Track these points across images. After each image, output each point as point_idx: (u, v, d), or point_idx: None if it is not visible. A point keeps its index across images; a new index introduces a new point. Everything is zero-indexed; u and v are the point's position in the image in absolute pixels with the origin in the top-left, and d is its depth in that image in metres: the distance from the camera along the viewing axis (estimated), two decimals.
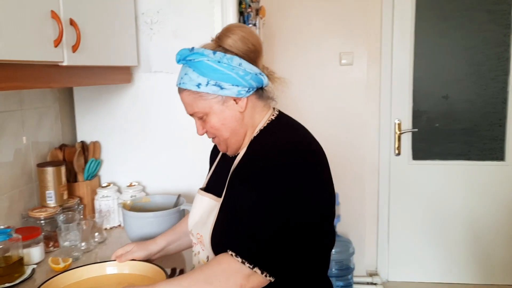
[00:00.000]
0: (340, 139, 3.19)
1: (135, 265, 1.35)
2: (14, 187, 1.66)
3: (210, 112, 1.13)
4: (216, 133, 1.16)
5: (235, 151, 1.19)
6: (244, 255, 1.00)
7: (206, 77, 1.09)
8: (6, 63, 1.07)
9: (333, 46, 3.12)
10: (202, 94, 1.11)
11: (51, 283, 1.25)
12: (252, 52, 1.12)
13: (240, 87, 1.10)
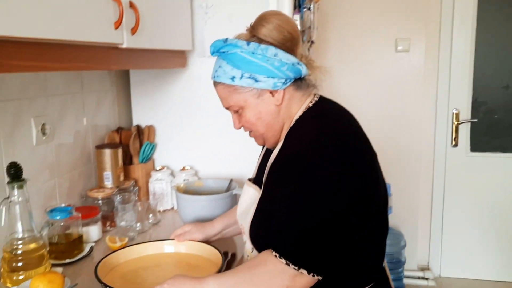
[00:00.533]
0: (394, 129, 3.10)
1: (192, 245, 1.37)
2: (74, 168, 1.71)
3: (245, 106, 1.09)
4: (252, 128, 1.12)
5: (273, 144, 1.14)
6: (288, 256, 0.96)
7: (240, 69, 1.05)
8: (70, 43, 1.09)
9: (389, 32, 3.01)
10: (237, 88, 1.07)
11: (110, 258, 1.29)
12: (288, 41, 1.06)
13: (276, 79, 1.05)
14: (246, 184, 1.23)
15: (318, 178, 0.97)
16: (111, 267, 1.28)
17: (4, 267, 1.22)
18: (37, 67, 1.00)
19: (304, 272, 0.95)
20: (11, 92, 1.39)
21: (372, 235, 1.08)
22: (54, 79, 1.59)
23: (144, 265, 1.32)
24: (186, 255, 1.36)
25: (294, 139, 1.06)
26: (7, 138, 1.38)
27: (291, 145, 1.06)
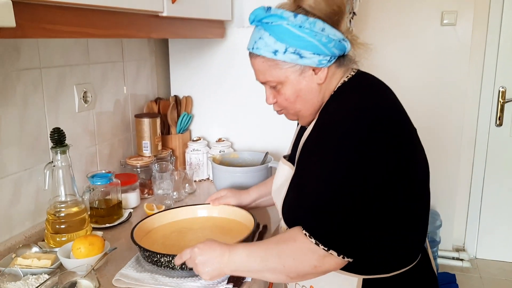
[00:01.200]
0: (436, 104, 3.01)
1: (225, 209, 1.40)
2: (114, 136, 1.75)
3: (285, 82, 1.02)
4: (288, 105, 1.06)
5: (308, 122, 1.09)
6: (318, 236, 0.93)
7: (285, 43, 0.97)
8: (112, 10, 1.09)
9: (434, 4, 2.89)
10: (278, 62, 1.00)
11: (145, 222, 1.32)
12: (336, 15, 0.98)
13: (321, 56, 0.98)
14: (281, 162, 1.20)
15: (355, 152, 0.91)
16: (146, 231, 1.32)
17: (48, 228, 1.27)
18: (79, 33, 1.01)
19: (333, 254, 0.92)
20: (54, 59, 1.42)
21: (412, 213, 1.02)
22: (96, 47, 1.61)
23: (177, 229, 1.35)
24: (219, 219, 1.40)
25: (330, 113, 1.01)
26: (51, 104, 1.41)
27: (326, 119, 1.00)
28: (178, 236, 1.31)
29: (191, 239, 1.29)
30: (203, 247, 1.04)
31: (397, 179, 0.95)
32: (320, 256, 0.93)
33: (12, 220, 1.30)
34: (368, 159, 0.92)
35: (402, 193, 0.98)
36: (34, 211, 1.37)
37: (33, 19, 0.86)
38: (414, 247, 1.07)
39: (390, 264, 1.02)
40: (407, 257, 1.05)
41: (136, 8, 1.16)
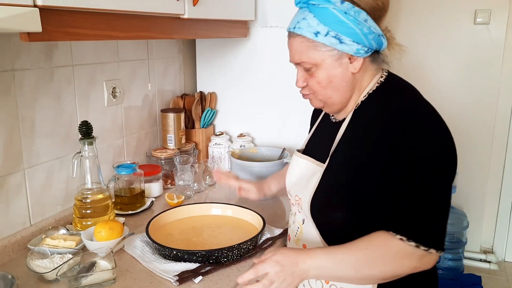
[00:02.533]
0: (468, 104, 2.97)
1: (237, 209, 1.47)
2: (141, 129, 1.86)
3: (320, 66, 1.03)
4: (319, 91, 1.07)
5: (335, 111, 1.12)
6: (417, 238, 0.92)
7: (327, 26, 0.99)
8: (135, 14, 1.18)
9: (467, 3, 2.85)
10: (318, 44, 1.01)
11: (161, 217, 1.42)
12: (379, 10, 1.01)
13: (360, 45, 1.00)
14: (296, 156, 1.21)
15: (433, 153, 0.94)
16: (161, 225, 1.40)
17: (75, 213, 1.38)
18: (102, 36, 1.11)
19: (433, 252, 0.94)
20: (86, 57, 1.53)
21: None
22: (125, 46, 1.72)
23: (192, 225, 1.43)
24: (232, 218, 1.46)
25: (380, 114, 1.02)
26: (81, 99, 1.53)
27: (379, 121, 1.01)
28: (194, 232, 1.38)
29: (204, 236, 1.36)
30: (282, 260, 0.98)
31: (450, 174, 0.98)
32: (419, 257, 0.94)
33: (45, 204, 1.42)
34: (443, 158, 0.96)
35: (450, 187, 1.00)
36: (64, 197, 1.49)
37: (59, 24, 0.96)
38: None
39: None
40: None
41: (157, 11, 1.25)
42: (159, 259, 1.23)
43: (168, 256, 1.22)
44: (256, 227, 1.38)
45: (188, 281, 1.14)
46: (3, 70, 1.25)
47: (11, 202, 1.31)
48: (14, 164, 1.31)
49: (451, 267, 2.94)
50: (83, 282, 1.10)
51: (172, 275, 1.14)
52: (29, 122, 1.34)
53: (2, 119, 1.26)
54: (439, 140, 0.96)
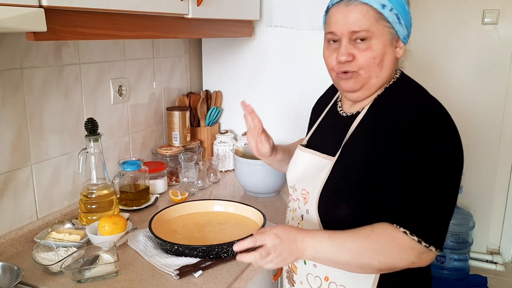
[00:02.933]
0: (475, 104, 2.97)
1: (239, 206, 1.50)
2: (147, 126, 1.89)
3: (379, 39, 0.99)
4: (369, 66, 1.01)
5: (362, 97, 1.07)
6: (420, 233, 0.93)
7: (391, 3, 0.98)
8: (139, 14, 1.21)
9: (475, 2, 2.84)
10: (382, 17, 0.98)
11: (164, 213, 1.45)
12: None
13: (407, 32, 1.02)
14: (300, 150, 1.19)
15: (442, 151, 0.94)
16: (164, 220, 1.43)
17: (81, 207, 1.42)
18: (107, 35, 1.14)
19: (432, 249, 0.94)
20: (93, 56, 1.57)
21: None
22: (132, 45, 1.75)
23: (194, 221, 1.46)
24: (233, 215, 1.49)
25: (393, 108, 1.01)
26: (88, 97, 1.56)
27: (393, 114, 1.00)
28: (196, 228, 1.41)
29: (206, 231, 1.39)
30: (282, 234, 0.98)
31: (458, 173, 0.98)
32: (419, 253, 0.94)
33: (52, 198, 1.46)
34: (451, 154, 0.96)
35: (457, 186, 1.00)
36: (71, 192, 1.53)
37: (65, 24, 0.99)
38: None
39: None
40: None
41: (161, 11, 1.28)
42: (161, 253, 1.26)
43: (169, 251, 1.25)
44: (257, 223, 1.40)
45: (188, 275, 1.16)
46: (12, 68, 1.28)
47: (19, 197, 1.34)
48: (22, 160, 1.34)
49: (457, 268, 2.94)
50: (86, 274, 1.14)
51: (173, 269, 1.17)
52: (37, 118, 1.38)
53: (11, 116, 1.29)
54: (449, 138, 0.96)
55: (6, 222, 1.31)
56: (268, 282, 1.39)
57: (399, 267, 0.96)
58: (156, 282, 1.14)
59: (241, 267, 1.21)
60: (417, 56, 3.12)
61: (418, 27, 2.98)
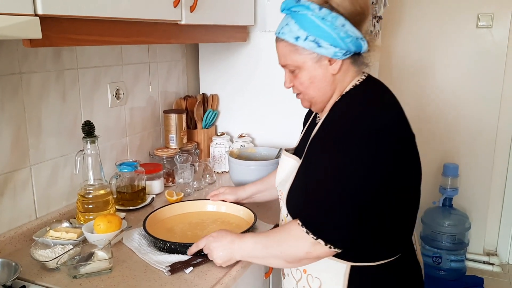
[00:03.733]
0: (471, 107, 3.00)
1: (230, 206, 1.55)
2: (145, 129, 1.94)
3: (302, 68, 1.11)
4: (303, 90, 1.15)
5: (319, 109, 1.19)
6: (308, 226, 1.04)
7: (306, 31, 1.07)
8: (133, 21, 1.26)
9: (470, 6, 2.88)
10: (298, 48, 1.09)
11: (158, 212, 1.50)
12: (358, 15, 1.08)
13: (338, 48, 1.07)
14: (283, 154, 1.30)
15: (361, 151, 1.01)
16: (159, 220, 1.48)
17: (79, 207, 1.47)
18: (101, 41, 1.19)
19: (321, 243, 1.03)
20: (91, 61, 1.62)
21: (400, 210, 1.11)
22: (129, 50, 1.80)
23: (188, 221, 1.51)
24: (226, 214, 1.54)
25: (338, 116, 1.10)
26: (86, 101, 1.61)
27: (334, 121, 1.09)
28: (189, 227, 1.47)
29: (199, 230, 1.44)
30: (217, 235, 1.20)
31: (392, 180, 1.05)
32: (311, 243, 1.04)
33: (50, 199, 1.51)
34: (373, 160, 1.01)
35: (394, 193, 1.06)
36: (69, 192, 1.58)
37: (59, 31, 1.04)
38: (401, 240, 1.16)
39: (377, 254, 1.11)
40: (393, 248, 1.13)
41: (155, 18, 1.33)
42: (154, 251, 1.30)
43: (162, 248, 1.30)
44: (248, 222, 1.45)
45: (179, 272, 1.21)
46: (12, 73, 1.34)
47: (18, 196, 1.40)
48: (21, 161, 1.40)
49: (453, 268, 2.97)
50: (82, 270, 1.18)
51: (165, 266, 1.21)
52: (36, 121, 1.43)
53: (10, 119, 1.35)
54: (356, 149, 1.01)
55: (6, 221, 1.36)
56: (259, 280, 1.44)
57: (298, 257, 1.08)
58: (148, 277, 1.18)
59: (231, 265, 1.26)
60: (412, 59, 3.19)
61: (413, 30, 3.02)
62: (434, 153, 3.14)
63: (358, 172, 1.01)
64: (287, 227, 1.11)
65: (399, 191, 1.08)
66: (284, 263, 1.13)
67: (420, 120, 3.09)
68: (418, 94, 3.05)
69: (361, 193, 1.02)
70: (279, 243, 1.11)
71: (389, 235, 1.11)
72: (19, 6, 0.91)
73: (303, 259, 1.09)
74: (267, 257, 1.14)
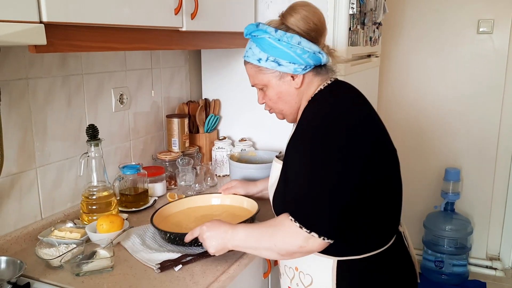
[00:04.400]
0: (472, 113, 3.02)
1: (235, 197, 1.62)
2: (148, 133, 1.99)
3: (268, 85, 1.22)
4: (272, 105, 1.26)
5: (292, 120, 1.28)
6: (300, 220, 1.08)
7: (266, 53, 1.17)
8: (134, 28, 1.31)
9: (470, 12, 2.91)
10: (262, 69, 1.20)
11: (165, 208, 1.54)
12: (313, 31, 1.17)
13: (296, 64, 1.16)
14: (274, 161, 1.37)
15: (325, 150, 1.07)
16: (165, 215, 1.53)
17: (83, 208, 1.51)
18: (104, 48, 1.23)
19: (315, 236, 1.07)
20: (95, 67, 1.67)
21: (383, 202, 1.16)
22: (133, 56, 1.85)
23: (194, 215, 1.56)
24: (231, 207, 1.61)
25: (307, 116, 1.18)
26: (90, 105, 1.66)
27: (304, 121, 1.17)
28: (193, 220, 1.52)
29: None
30: (210, 225, 1.24)
31: (370, 170, 1.10)
32: (304, 238, 1.08)
33: (55, 200, 1.56)
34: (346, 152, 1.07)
35: (372, 183, 1.11)
36: (73, 194, 1.63)
37: (63, 37, 1.09)
38: (384, 233, 1.20)
39: (361, 247, 1.17)
40: (377, 241, 1.18)
41: (156, 25, 1.38)
42: (145, 249, 1.34)
43: (164, 238, 1.36)
44: (251, 211, 1.51)
45: (169, 269, 1.25)
46: (18, 78, 1.39)
47: (24, 198, 1.44)
48: (28, 163, 1.45)
49: (455, 273, 2.97)
50: (84, 268, 1.22)
51: (155, 264, 1.26)
52: (42, 125, 1.48)
53: (17, 122, 1.40)
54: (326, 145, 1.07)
55: (12, 221, 1.41)
56: (258, 280, 1.47)
57: (291, 250, 1.12)
58: (148, 276, 1.22)
59: (221, 262, 1.29)
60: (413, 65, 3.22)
61: (414, 36, 3.06)
62: (436, 158, 3.16)
63: (336, 166, 1.07)
64: (279, 221, 1.14)
65: (378, 182, 1.13)
66: (277, 255, 1.16)
67: (421, 125, 3.12)
68: (419, 99, 3.08)
69: (343, 184, 1.07)
70: (272, 236, 1.14)
71: (374, 226, 1.17)
72: (25, 14, 0.96)
73: (296, 253, 1.13)
74: (259, 248, 1.17)
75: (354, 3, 1.87)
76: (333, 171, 1.07)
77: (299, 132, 1.16)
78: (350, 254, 1.16)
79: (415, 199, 3.23)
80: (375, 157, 1.12)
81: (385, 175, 1.16)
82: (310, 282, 1.21)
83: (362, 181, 1.09)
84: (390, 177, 1.19)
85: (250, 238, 1.18)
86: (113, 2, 1.19)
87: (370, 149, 1.11)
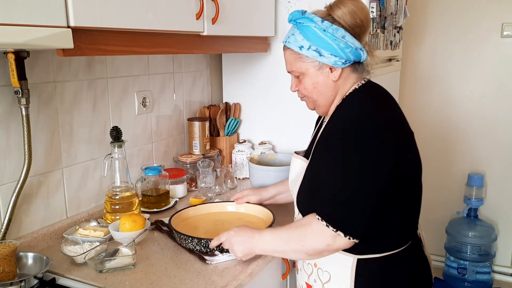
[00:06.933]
0: (496, 117, 2.96)
1: (249, 206, 1.61)
2: (170, 136, 2.03)
3: (305, 74, 1.22)
4: (307, 94, 1.26)
5: (323, 113, 1.29)
6: (327, 219, 1.11)
7: (309, 41, 1.17)
8: (156, 32, 1.35)
9: (495, 16, 2.87)
10: (302, 56, 1.20)
11: (183, 213, 1.57)
12: (358, 27, 1.17)
13: (337, 57, 1.17)
14: (293, 157, 1.39)
15: (358, 153, 1.10)
16: (183, 219, 1.56)
17: (106, 208, 1.56)
18: (128, 51, 1.28)
19: (341, 235, 1.10)
20: (119, 71, 1.72)
21: (404, 203, 1.19)
22: (156, 60, 1.90)
23: (210, 220, 1.58)
24: (245, 215, 1.61)
25: (340, 117, 1.19)
26: (115, 108, 1.71)
27: (337, 122, 1.19)
28: (210, 225, 1.54)
29: (220, 228, 1.50)
30: (238, 230, 1.27)
31: (395, 174, 1.12)
32: (331, 236, 1.11)
33: (80, 200, 1.61)
34: (377, 153, 1.10)
35: (398, 185, 1.14)
36: (98, 194, 1.67)
37: (89, 42, 1.14)
38: (405, 233, 1.23)
39: (383, 246, 1.18)
40: (398, 241, 1.20)
41: (178, 30, 1.42)
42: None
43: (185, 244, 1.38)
44: (266, 221, 1.51)
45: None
46: (47, 81, 1.45)
47: (50, 197, 1.50)
48: (54, 164, 1.50)
49: (479, 280, 2.92)
50: (107, 265, 1.26)
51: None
52: (68, 127, 1.53)
53: (45, 124, 1.45)
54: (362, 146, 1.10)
55: (39, 219, 1.46)
56: (277, 280, 1.48)
57: (319, 249, 1.14)
58: (168, 274, 1.25)
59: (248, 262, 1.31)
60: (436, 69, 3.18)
61: (436, 40, 3.03)
62: (459, 163, 3.12)
63: (367, 166, 1.09)
64: (306, 221, 1.17)
65: (404, 183, 1.16)
66: (305, 256, 1.19)
67: (444, 130, 3.08)
68: (442, 103, 3.05)
69: (371, 185, 1.09)
70: (300, 237, 1.16)
71: (397, 226, 1.19)
72: (53, 19, 1.01)
73: (324, 251, 1.15)
74: (288, 251, 1.20)
75: (374, 6, 1.88)
76: (366, 174, 1.09)
77: (334, 132, 1.18)
78: (371, 252, 1.18)
79: (437, 204, 3.19)
80: (404, 161, 1.15)
81: (410, 176, 1.19)
82: (328, 279, 1.23)
83: (391, 183, 1.11)
84: (414, 179, 1.21)
85: (278, 241, 1.21)
86: (137, 8, 1.24)
87: (400, 153, 1.13)
